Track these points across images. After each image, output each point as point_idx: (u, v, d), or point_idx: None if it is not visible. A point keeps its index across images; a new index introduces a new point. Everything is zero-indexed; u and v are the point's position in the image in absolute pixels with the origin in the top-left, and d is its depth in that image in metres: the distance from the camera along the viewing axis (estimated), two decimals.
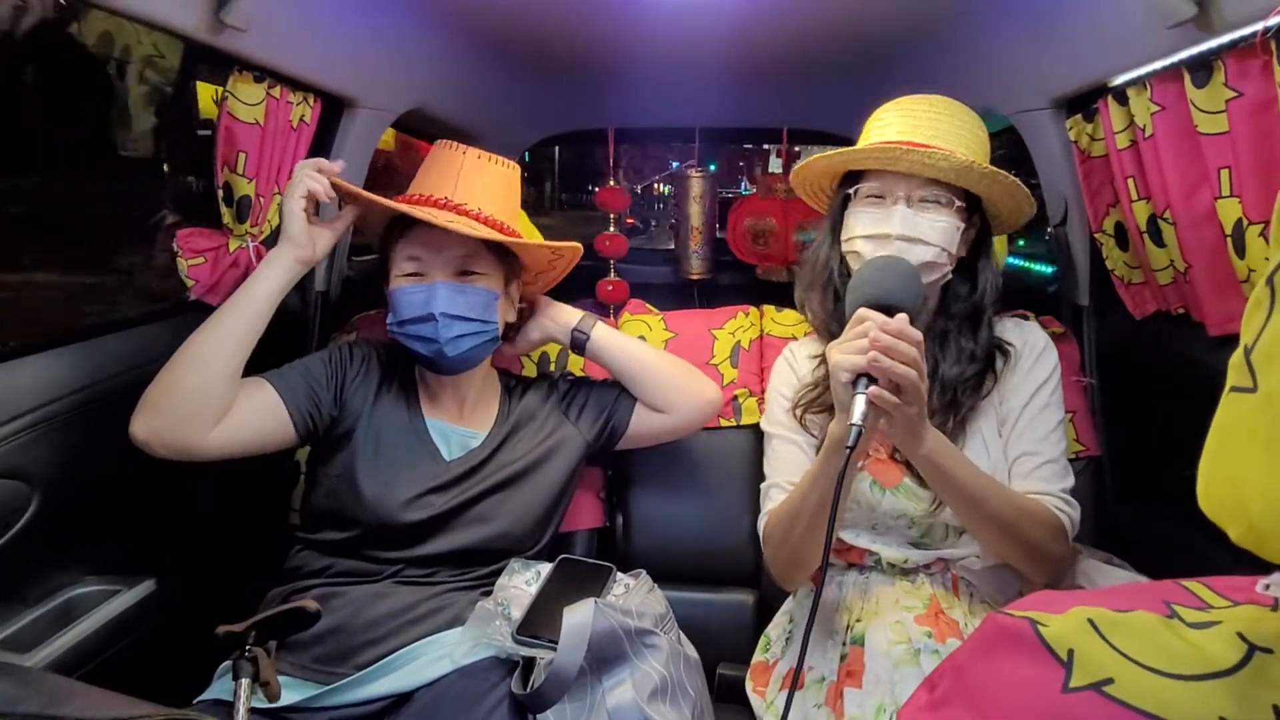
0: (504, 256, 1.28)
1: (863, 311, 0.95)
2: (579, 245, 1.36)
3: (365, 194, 1.21)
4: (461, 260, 1.22)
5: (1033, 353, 1.18)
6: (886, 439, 1.16)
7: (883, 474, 1.16)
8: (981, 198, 1.16)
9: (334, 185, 1.20)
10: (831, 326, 1.24)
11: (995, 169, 1.10)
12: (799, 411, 1.23)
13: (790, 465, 1.22)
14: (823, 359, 1.25)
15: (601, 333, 1.37)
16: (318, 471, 1.23)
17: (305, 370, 1.22)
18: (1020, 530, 1.04)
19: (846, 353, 0.93)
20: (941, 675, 0.48)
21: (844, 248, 1.18)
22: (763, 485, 1.25)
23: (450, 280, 1.21)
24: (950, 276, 1.17)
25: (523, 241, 1.27)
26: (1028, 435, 1.14)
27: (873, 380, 0.92)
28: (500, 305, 1.27)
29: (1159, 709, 0.39)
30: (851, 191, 1.18)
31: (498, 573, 1.22)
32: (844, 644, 1.13)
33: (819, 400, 1.22)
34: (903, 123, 1.15)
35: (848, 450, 0.88)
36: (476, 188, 1.25)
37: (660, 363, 1.37)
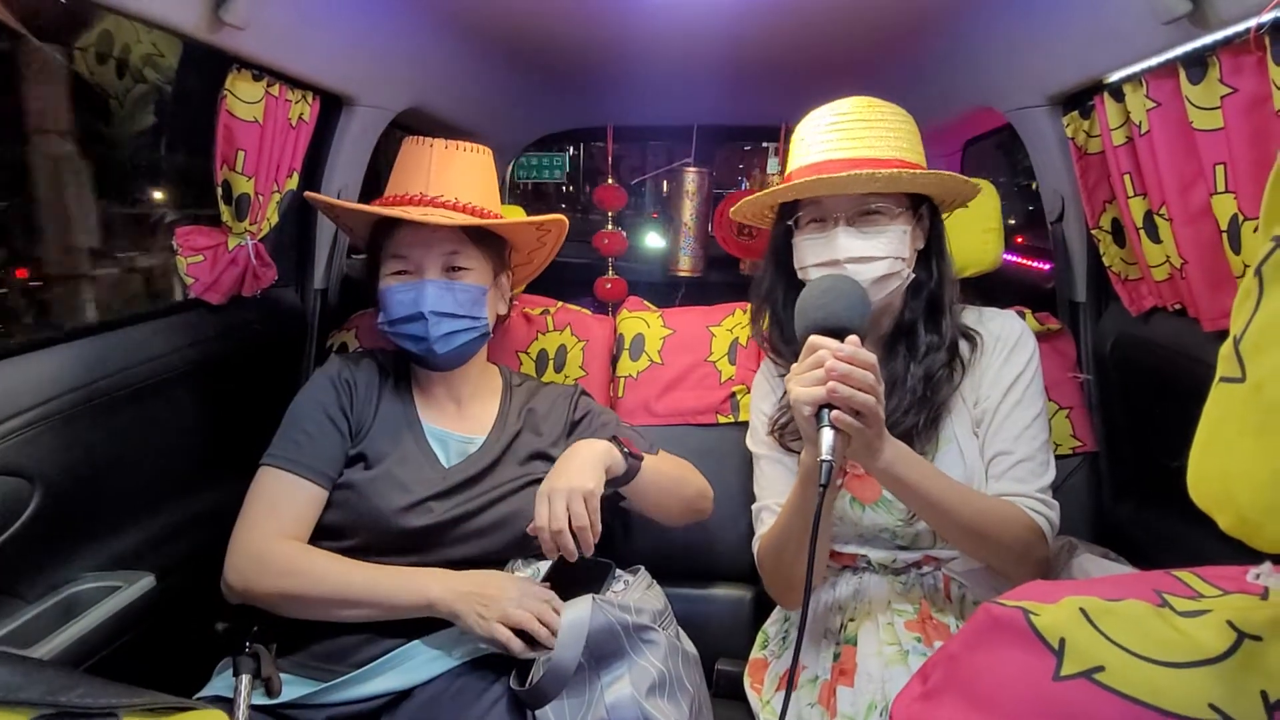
0: (491, 247, 1.28)
1: (814, 339, 0.94)
2: (564, 218, 1.35)
3: (341, 203, 1.22)
4: (448, 257, 1.22)
5: (1005, 347, 1.17)
6: None
7: (861, 490, 1.17)
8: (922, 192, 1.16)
9: (309, 198, 1.20)
10: (784, 352, 1.25)
11: (925, 171, 1.09)
12: (777, 434, 1.23)
13: (778, 486, 1.22)
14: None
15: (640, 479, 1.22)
16: None
17: (325, 438, 1.18)
18: (993, 535, 1.03)
19: (804, 384, 0.92)
20: (935, 665, 0.49)
21: (800, 277, 1.18)
22: (754, 507, 1.26)
23: (438, 278, 1.21)
24: (912, 276, 1.16)
25: (503, 222, 1.27)
26: (1002, 434, 1.13)
27: (835, 408, 0.91)
28: (490, 298, 1.27)
29: (1149, 696, 0.39)
30: (792, 222, 1.17)
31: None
32: (837, 643, 1.14)
33: (793, 425, 1.21)
34: (822, 140, 1.13)
35: (821, 488, 0.87)
36: (450, 177, 1.26)
37: (671, 502, 1.30)
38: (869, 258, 1.10)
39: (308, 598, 1.06)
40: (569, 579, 1.18)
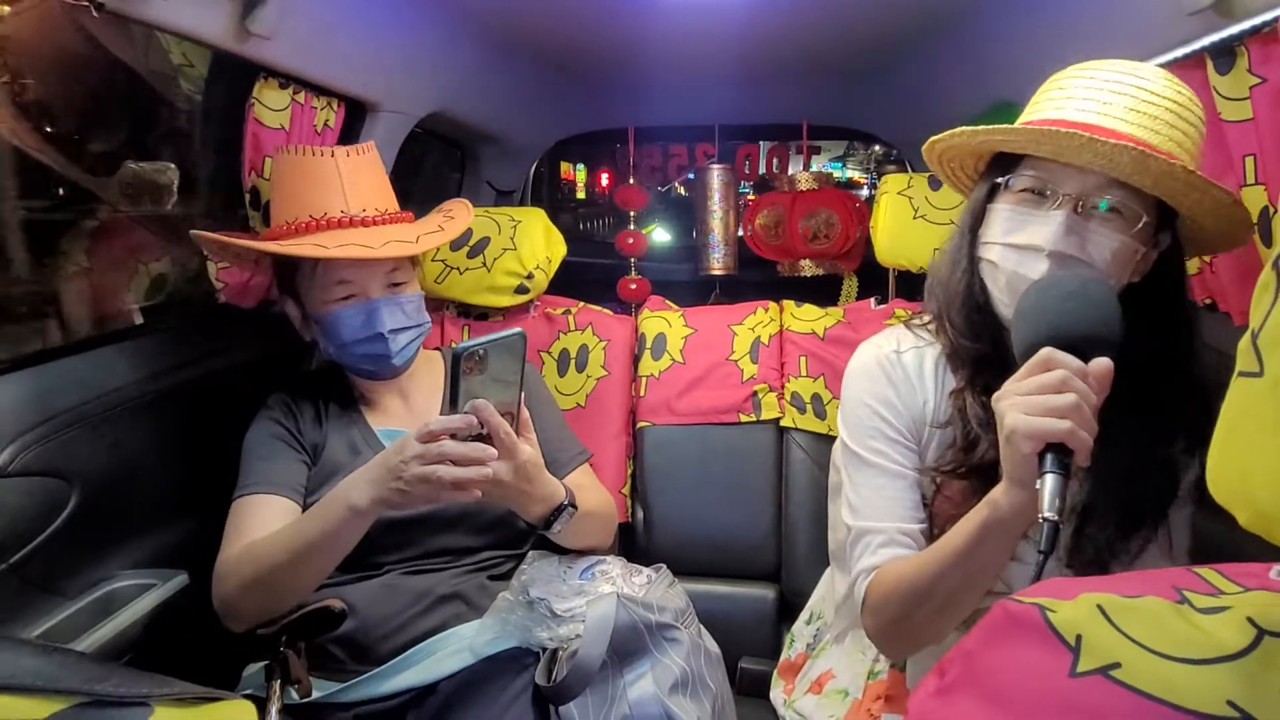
0: None
1: (1054, 355, 0.71)
2: (467, 201, 1.39)
3: (290, 250, 1.15)
4: (390, 274, 1.22)
5: None
6: None
7: None
8: (1180, 213, 0.87)
9: (228, 244, 1.18)
10: (972, 347, 0.94)
11: (1213, 182, 0.81)
12: (956, 459, 0.92)
13: (897, 506, 0.94)
14: (962, 392, 0.94)
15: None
16: None
17: (281, 457, 1.18)
18: None
19: (1033, 413, 0.70)
20: (951, 662, 0.49)
21: (979, 251, 0.93)
22: (855, 527, 0.96)
23: (383, 295, 1.20)
24: None
25: (442, 235, 1.28)
26: None
27: (1067, 452, 0.70)
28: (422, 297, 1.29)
29: (1166, 693, 0.39)
30: (1002, 181, 0.90)
31: (504, 558, 1.23)
32: (874, 660, 1.10)
33: (982, 449, 0.89)
34: (1090, 98, 0.85)
35: (1042, 555, 0.67)
36: (363, 188, 1.23)
37: (572, 542, 1.23)
38: (1081, 261, 0.83)
39: (264, 579, 1.02)
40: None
